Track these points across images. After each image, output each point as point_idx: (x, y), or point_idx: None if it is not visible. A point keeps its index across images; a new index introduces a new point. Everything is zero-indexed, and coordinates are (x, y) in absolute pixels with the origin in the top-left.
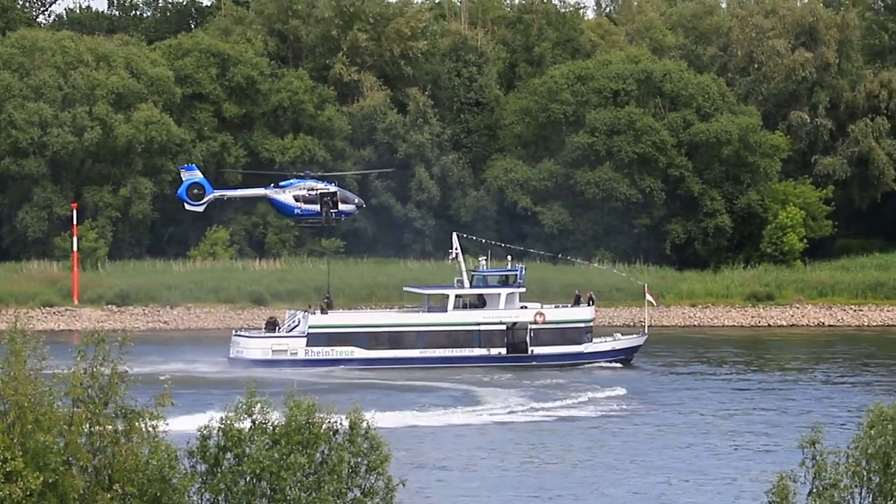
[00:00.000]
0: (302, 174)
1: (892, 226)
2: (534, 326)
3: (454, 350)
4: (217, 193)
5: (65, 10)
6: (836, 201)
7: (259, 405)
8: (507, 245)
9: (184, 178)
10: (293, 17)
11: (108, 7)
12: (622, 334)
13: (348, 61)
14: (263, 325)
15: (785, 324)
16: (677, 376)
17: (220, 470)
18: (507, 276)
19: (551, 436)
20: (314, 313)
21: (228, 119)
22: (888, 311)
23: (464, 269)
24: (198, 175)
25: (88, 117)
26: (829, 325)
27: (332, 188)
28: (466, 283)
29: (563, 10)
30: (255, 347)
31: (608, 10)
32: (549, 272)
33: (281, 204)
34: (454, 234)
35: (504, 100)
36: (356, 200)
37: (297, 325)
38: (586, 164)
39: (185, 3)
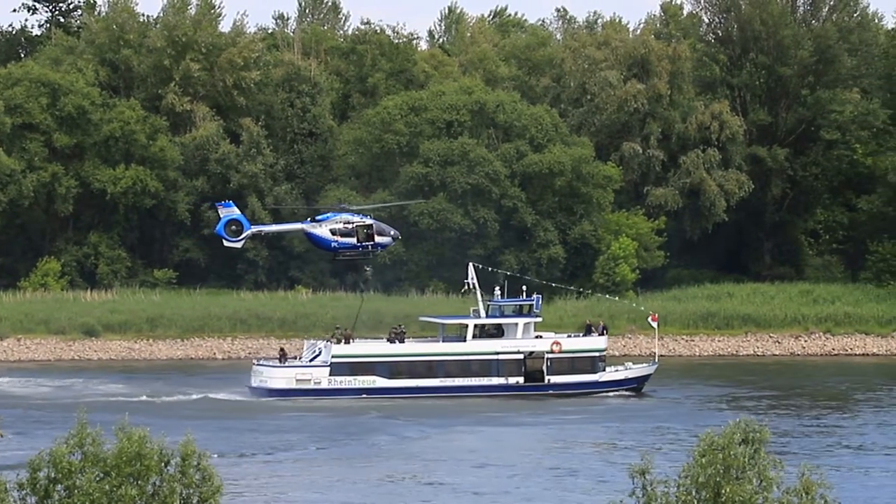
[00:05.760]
0: (338, 207)
1: (722, 257)
2: (550, 356)
3: (472, 379)
4: (255, 229)
5: None
6: (667, 232)
7: (90, 437)
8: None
9: (221, 215)
10: (125, 47)
11: None
12: (633, 363)
13: (181, 91)
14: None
15: (618, 354)
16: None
17: (50, 502)
18: (522, 305)
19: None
20: (336, 343)
21: (59, 149)
22: (719, 341)
23: (480, 298)
24: (235, 211)
25: None
26: (661, 355)
27: (369, 221)
28: (482, 313)
29: (396, 41)
30: (279, 377)
31: (441, 40)
32: (381, 303)
33: (318, 238)
34: (469, 264)
35: (337, 130)
36: (392, 232)
37: (318, 355)
38: (420, 194)
39: (14, 32)
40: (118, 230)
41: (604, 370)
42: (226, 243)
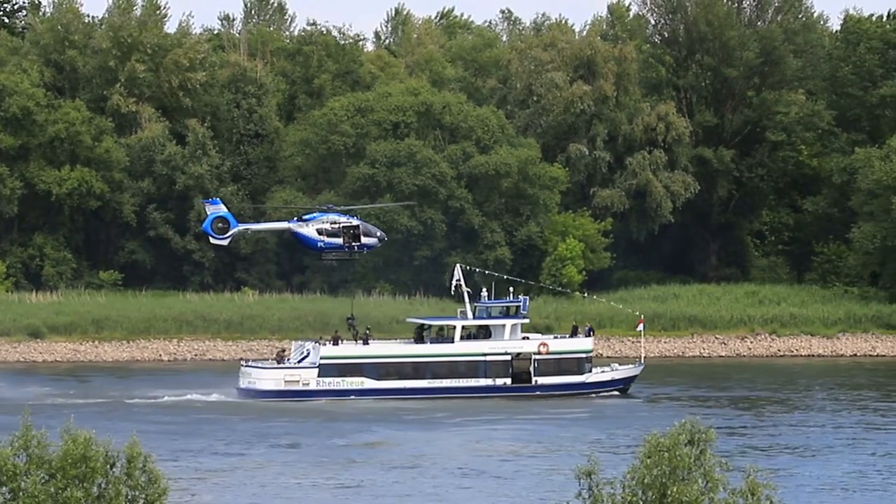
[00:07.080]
0: (325, 207)
1: (669, 258)
2: (537, 357)
3: (460, 380)
4: (241, 227)
5: None
6: (614, 233)
7: (35, 439)
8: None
9: (208, 212)
10: (70, 48)
11: None
12: (619, 364)
13: (126, 92)
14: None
15: None
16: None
17: None
18: (509, 307)
19: None
20: (324, 344)
21: (4, 150)
22: (665, 342)
23: (467, 300)
24: (222, 209)
25: None
26: (608, 357)
27: (355, 221)
28: (470, 315)
29: (342, 42)
30: (268, 378)
31: (388, 42)
32: (328, 304)
33: (304, 237)
34: (457, 266)
35: (284, 131)
36: (378, 234)
37: (306, 356)
38: (367, 195)
39: None
40: (63, 232)
41: (590, 371)
42: (212, 240)
